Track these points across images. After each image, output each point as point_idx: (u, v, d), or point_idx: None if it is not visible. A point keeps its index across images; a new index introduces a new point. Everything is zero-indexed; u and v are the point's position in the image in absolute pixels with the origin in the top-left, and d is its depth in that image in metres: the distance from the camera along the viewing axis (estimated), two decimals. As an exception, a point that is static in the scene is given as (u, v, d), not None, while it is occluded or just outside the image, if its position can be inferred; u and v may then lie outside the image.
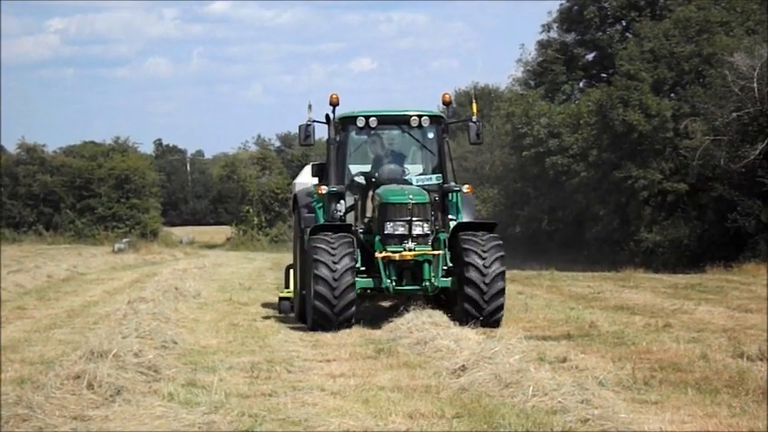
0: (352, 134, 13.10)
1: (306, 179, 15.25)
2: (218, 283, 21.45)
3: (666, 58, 35.01)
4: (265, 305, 16.56)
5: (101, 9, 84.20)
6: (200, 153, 67.73)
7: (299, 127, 13.11)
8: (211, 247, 45.55)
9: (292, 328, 13.45)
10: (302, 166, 42.38)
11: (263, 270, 26.49)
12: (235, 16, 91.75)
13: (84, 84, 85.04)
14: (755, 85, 28.62)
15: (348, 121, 12.94)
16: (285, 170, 49.00)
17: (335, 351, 10.91)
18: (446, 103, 13.80)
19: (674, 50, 34.82)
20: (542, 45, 42.18)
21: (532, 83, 42.25)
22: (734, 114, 29.32)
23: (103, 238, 41.45)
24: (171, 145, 66.10)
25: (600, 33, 40.90)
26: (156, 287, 17.60)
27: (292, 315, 13.88)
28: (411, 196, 12.08)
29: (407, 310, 12.30)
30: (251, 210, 46.45)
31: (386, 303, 14.31)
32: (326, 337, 12.21)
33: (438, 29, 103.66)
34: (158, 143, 65.51)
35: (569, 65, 41.05)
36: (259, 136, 56.67)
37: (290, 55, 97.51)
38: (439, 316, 12.01)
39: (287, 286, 14.67)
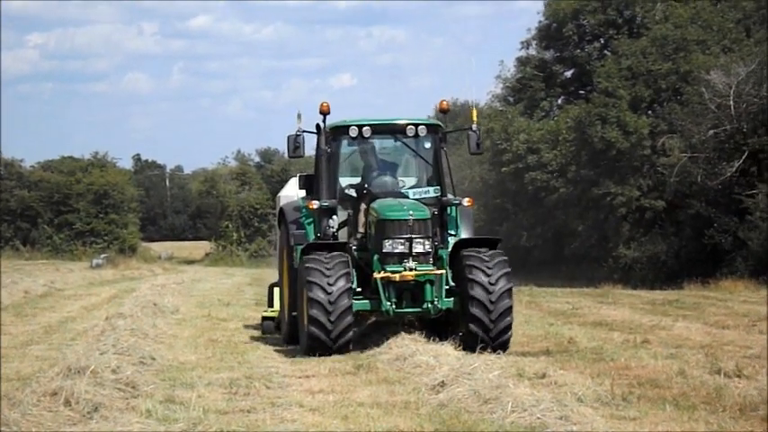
0: (344, 144, 12.25)
1: (290, 192, 14.96)
2: (197, 298, 21.42)
3: (644, 76, 35.22)
4: (244, 321, 16.49)
5: (81, 23, 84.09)
6: (179, 168, 67.65)
7: (288, 138, 12.19)
8: (190, 262, 45.41)
9: (271, 344, 13.40)
10: (282, 182, 42.61)
11: (243, 286, 26.44)
12: (215, 31, 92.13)
13: (62, 98, 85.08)
14: (732, 102, 28.87)
15: (340, 130, 12.07)
16: (265, 185, 48.87)
17: (314, 367, 10.86)
18: (444, 111, 12.97)
19: (651, 68, 35.04)
20: (521, 62, 42.36)
21: (511, 99, 42.44)
22: (711, 132, 29.55)
23: (81, 254, 41.31)
24: (150, 160, 65.85)
25: (578, 51, 41.13)
26: (135, 303, 17.52)
27: (278, 336, 13.45)
28: (411, 212, 11.28)
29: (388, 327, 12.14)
30: (230, 225, 46.44)
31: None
32: (306, 354, 12.05)
33: (418, 45, 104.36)
34: (137, 158, 65.30)
35: (548, 81, 41.26)
36: (239, 151, 56.92)
37: (270, 70, 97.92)
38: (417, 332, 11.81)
39: (270, 305, 14.24)
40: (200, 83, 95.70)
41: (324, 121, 12.14)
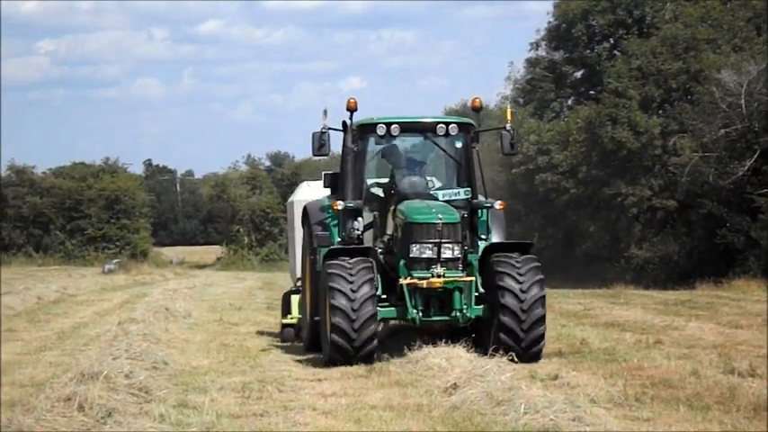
0: (371, 142, 11.58)
1: (302, 197, 14.48)
2: (209, 303, 21.38)
3: (654, 76, 35.10)
4: (256, 325, 16.44)
5: (91, 30, 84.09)
6: (189, 173, 67.61)
7: (313, 135, 11.44)
8: (201, 267, 45.46)
9: (283, 348, 13.42)
10: (293, 185, 42.21)
11: (254, 290, 26.43)
12: (225, 36, 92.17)
13: (73, 105, 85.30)
14: (743, 101, 28.73)
15: (367, 128, 11.39)
16: (276, 189, 48.70)
17: (327, 370, 10.85)
18: (476, 109, 12.47)
19: (661, 68, 34.91)
20: (531, 63, 42.29)
21: (521, 100, 42.35)
22: (722, 131, 29.40)
23: (93, 259, 41.23)
24: (161, 165, 65.84)
25: (588, 51, 41.03)
26: (147, 308, 17.50)
27: (299, 344, 12.86)
28: (440, 215, 10.63)
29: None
30: (241, 229, 46.27)
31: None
32: (317, 356, 12.02)
33: (428, 47, 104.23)
34: (148, 163, 65.32)
35: (558, 82, 41.15)
36: (249, 155, 56.48)
37: (281, 74, 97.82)
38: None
39: (288, 313, 13.68)
40: (210, 87, 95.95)
41: (351, 118, 11.55)
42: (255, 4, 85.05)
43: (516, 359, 10.17)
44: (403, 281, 10.59)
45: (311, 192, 14.47)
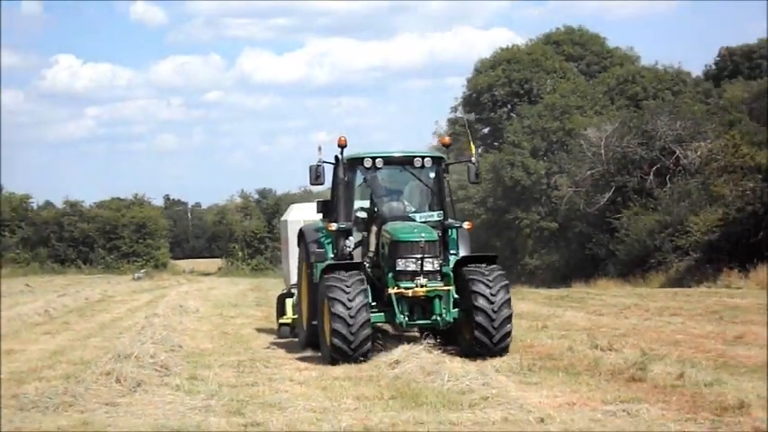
0: (359, 174, 10.57)
1: (293, 217, 13.54)
2: (212, 301, 21.03)
3: (540, 132, 35.85)
4: (248, 318, 16.20)
5: (125, 99, 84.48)
6: (198, 204, 66.88)
7: (310, 168, 10.39)
8: (206, 274, 44.41)
9: (269, 335, 13.20)
10: (275, 213, 41.45)
11: (246, 292, 25.98)
12: (225, 102, 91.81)
13: (112, 155, 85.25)
14: (602, 150, 29.34)
15: (356, 162, 10.43)
16: (262, 216, 48.00)
17: (302, 352, 10.77)
18: (446, 146, 11.58)
19: (545, 126, 35.68)
20: (451, 121, 42.90)
21: (445, 150, 42.78)
22: (588, 172, 29.88)
23: (126, 270, 40.63)
24: (176, 198, 65.47)
25: (492, 113, 41.69)
26: (166, 306, 17.30)
27: (295, 340, 11.55)
28: (422, 234, 9.71)
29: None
30: (236, 246, 45.95)
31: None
32: (293, 340, 11.89)
33: (375, 110, 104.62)
34: (167, 197, 64.00)
35: (471, 137, 41.76)
36: (242, 190, 55.05)
37: (266, 131, 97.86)
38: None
39: (283, 313, 12.48)
40: (214, 141, 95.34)
41: (341, 153, 10.61)
42: (247, 79, 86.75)
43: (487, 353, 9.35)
44: (391, 290, 9.57)
45: (300, 212, 13.68)
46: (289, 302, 12.37)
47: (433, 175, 10.66)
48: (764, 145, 22.08)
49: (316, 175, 10.41)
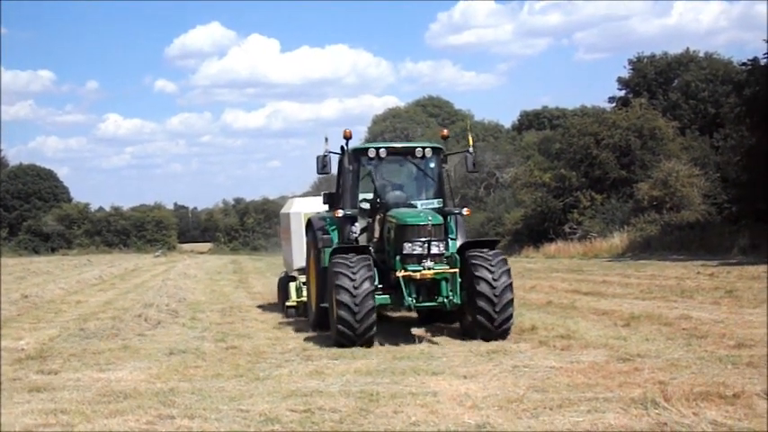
0: (364, 163, 9.57)
1: (294, 209, 12.68)
2: (205, 270, 24.72)
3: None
4: (229, 281, 19.07)
5: (150, 141, 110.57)
6: (195, 208, 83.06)
7: (317, 157, 9.39)
8: (201, 253, 52.44)
9: (243, 291, 15.41)
10: (245, 213, 51.17)
11: (228, 264, 30.25)
12: (214, 142, 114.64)
13: (140, 178, 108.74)
14: (453, 173, 32.80)
15: (361, 152, 9.50)
16: (236, 215, 59.15)
17: (266, 301, 12.72)
18: (444, 138, 10.34)
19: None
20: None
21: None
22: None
23: (150, 251, 50.62)
24: (182, 204, 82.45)
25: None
26: (176, 273, 21.16)
27: (302, 319, 10.60)
28: (429, 218, 8.67)
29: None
30: (220, 235, 57.12)
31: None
32: (260, 292, 14.11)
33: (312, 148, 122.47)
34: (176, 204, 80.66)
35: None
36: (224, 199, 68.16)
37: (242, 160, 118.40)
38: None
39: (287, 297, 11.47)
40: (206, 168, 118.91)
41: (347, 144, 9.53)
42: (228, 127, 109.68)
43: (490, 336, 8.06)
44: (399, 273, 8.46)
45: (300, 205, 12.66)
46: (292, 286, 11.29)
47: (433, 164, 9.68)
48: (549, 170, 29.92)
49: (323, 165, 9.43)
